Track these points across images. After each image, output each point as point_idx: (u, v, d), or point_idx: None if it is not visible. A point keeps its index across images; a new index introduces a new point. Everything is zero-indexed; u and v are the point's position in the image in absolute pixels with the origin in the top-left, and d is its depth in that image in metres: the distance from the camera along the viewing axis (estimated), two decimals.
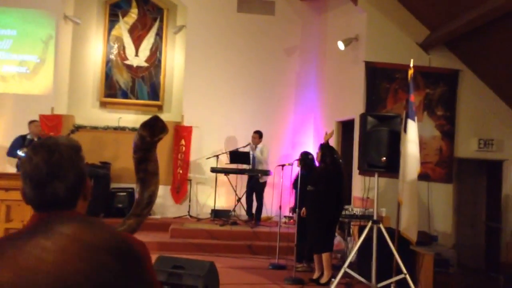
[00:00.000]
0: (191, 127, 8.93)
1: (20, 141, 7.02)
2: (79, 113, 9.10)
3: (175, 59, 9.65)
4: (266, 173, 8.02)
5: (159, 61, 9.63)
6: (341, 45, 7.52)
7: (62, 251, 1.00)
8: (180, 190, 8.91)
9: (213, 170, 8.21)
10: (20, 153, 6.77)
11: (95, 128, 8.86)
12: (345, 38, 7.56)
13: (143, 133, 2.47)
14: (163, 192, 8.53)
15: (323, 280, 5.59)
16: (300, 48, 9.48)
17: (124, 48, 9.56)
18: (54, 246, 1.03)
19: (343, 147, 8.04)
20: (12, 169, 7.32)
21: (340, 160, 5.90)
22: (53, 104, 8.67)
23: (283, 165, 6.43)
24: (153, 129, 2.53)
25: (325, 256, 5.61)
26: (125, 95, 9.52)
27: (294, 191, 6.46)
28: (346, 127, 8.08)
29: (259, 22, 9.38)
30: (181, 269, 3.96)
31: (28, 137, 7.35)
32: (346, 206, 6.03)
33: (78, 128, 8.30)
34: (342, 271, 4.82)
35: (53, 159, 1.24)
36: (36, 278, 0.96)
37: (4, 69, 8.75)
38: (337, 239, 6.42)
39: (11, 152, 7.30)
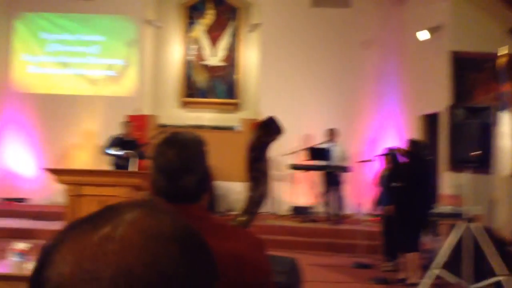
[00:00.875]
0: None
1: (113, 141, 7.42)
2: (162, 113, 9.48)
3: (250, 57, 9.77)
4: (345, 169, 7.89)
5: (235, 60, 9.80)
6: (422, 35, 7.21)
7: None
8: None
9: (292, 167, 8.21)
10: (112, 151, 7.16)
11: (177, 127, 9.17)
12: (426, 27, 7.24)
13: (259, 133, 2.53)
14: (243, 189, 8.64)
15: (411, 280, 5.40)
16: (378, 40, 9.21)
17: (201, 49, 9.83)
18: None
19: (429, 142, 7.71)
20: (106, 167, 7.69)
21: (428, 156, 5.66)
22: (139, 105, 9.08)
23: (363, 161, 6.29)
24: (269, 129, 2.58)
25: (412, 256, 5.41)
26: (203, 95, 9.79)
27: (377, 188, 6.30)
28: (429, 121, 7.74)
29: (334, 16, 9.23)
30: None
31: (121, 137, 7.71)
32: (434, 204, 5.78)
33: (164, 128, 8.58)
34: (430, 271, 4.64)
35: (185, 154, 1.31)
36: None
37: (93, 73, 9.31)
38: (425, 238, 6.18)
39: (105, 151, 7.72)
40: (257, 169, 2.60)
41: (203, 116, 9.51)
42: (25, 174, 8.65)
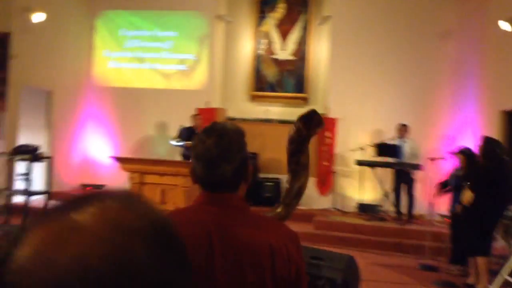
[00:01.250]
0: (336, 119, 8.81)
1: (183, 132, 7.69)
2: (231, 106, 9.64)
3: (320, 51, 9.63)
4: (416, 167, 7.53)
5: (305, 54, 9.71)
6: (505, 26, 6.69)
7: None
8: (325, 183, 8.88)
9: (359, 163, 7.99)
10: (174, 142, 7.43)
11: (245, 120, 9.27)
12: (510, 17, 6.71)
13: (299, 126, 2.50)
14: (309, 184, 8.56)
15: (479, 286, 5.06)
16: (457, 31, 8.68)
17: (272, 43, 9.85)
18: None
19: (509, 140, 7.16)
20: (178, 157, 7.97)
21: (504, 155, 5.25)
22: (208, 98, 9.29)
23: (435, 159, 5.97)
24: (310, 122, 2.54)
25: (481, 260, 5.06)
26: (272, 89, 9.81)
27: (445, 188, 5.96)
28: (510, 117, 7.18)
29: (409, 6, 8.83)
30: (320, 260, 3.92)
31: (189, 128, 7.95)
32: (509, 207, 5.36)
33: (232, 121, 8.72)
34: (500, 277, 4.31)
35: (223, 143, 1.33)
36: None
37: (166, 67, 9.66)
38: (499, 243, 5.76)
39: (170, 142, 8.04)
40: (296, 162, 2.56)
41: (271, 110, 9.53)
42: (103, 162, 9.18)
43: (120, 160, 4.86)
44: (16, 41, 7.73)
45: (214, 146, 1.33)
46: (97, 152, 9.51)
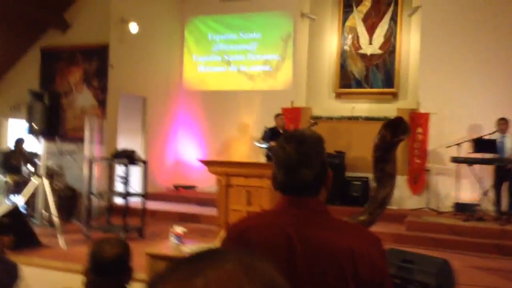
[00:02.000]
0: (428, 114, 8.38)
1: (268, 133, 7.77)
2: (316, 105, 9.55)
3: (410, 43, 9.21)
4: None
5: (394, 47, 9.34)
6: None
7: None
8: (417, 181, 8.48)
9: (455, 160, 7.53)
10: (258, 144, 7.53)
11: (330, 118, 9.14)
12: None
13: (384, 133, 2.43)
14: (400, 183, 8.23)
15: None
16: None
17: (358, 37, 9.60)
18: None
19: None
20: (263, 159, 8.08)
21: None
22: (293, 97, 9.28)
23: None
24: (395, 129, 2.47)
25: None
26: (359, 85, 9.57)
27: None
28: None
29: None
30: (412, 264, 3.76)
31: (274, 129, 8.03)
32: None
33: (317, 120, 8.63)
34: None
35: (302, 149, 1.38)
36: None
37: (251, 69, 9.82)
38: None
39: (254, 143, 8.14)
40: (382, 170, 2.47)
41: (358, 107, 9.29)
42: (194, 164, 9.56)
43: (206, 163, 5.02)
44: (114, 52, 8.30)
45: (295, 152, 1.37)
46: (188, 154, 9.92)
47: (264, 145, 7.55)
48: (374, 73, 9.49)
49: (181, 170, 9.94)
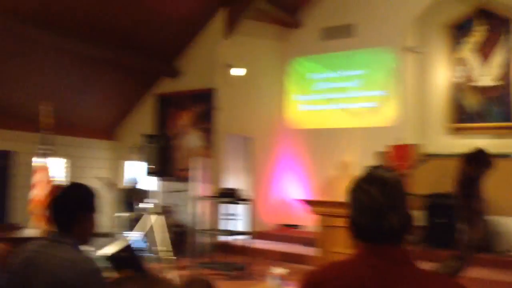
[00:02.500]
0: None
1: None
2: (427, 142, 9.04)
3: None
4: None
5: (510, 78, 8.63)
6: None
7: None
8: None
9: None
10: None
11: (443, 155, 8.57)
12: None
13: (465, 167, 2.23)
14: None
15: None
16: None
17: (470, 69, 9.03)
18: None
19: None
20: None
21: None
22: (400, 134, 8.90)
23: None
24: (477, 163, 2.25)
25: None
26: (474, 119, 8.92)
27: None
28: None
29: None
30: None
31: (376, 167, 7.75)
32: None
33: (427, 157, 8.16)
34: None
35: (387, 191, 1.29)
36: None
37: (354, 106, 9.65)
38: None
39: None
40: (468, 208, 2.20)
41: (474, 143, 8.59)
42: (303, 200, 9.48)
43: (306, 202, 4.94)
44: (220, 95, 8.70)
45: (380, 194, 1.27)
46: (292, 193, 9.89)
47: None
48: (491, 106, 8.80)
49: (286, 209, 9.93)
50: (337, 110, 9.86)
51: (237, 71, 8.88)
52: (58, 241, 1.92)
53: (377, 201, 1.27)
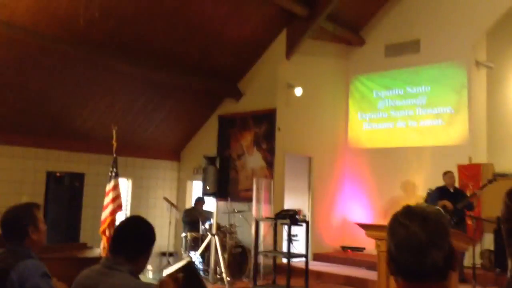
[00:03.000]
0: None
1: (437, 193, 7.16)
2: (499, 161, 8.51)
3: None
4: None
5: None
6: None
7: None
8: None
9: None
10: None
11: None
12: None
13: (507, 202, 2.07)
14: None
15: None
16: None
17: None
18: None
19: None
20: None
21: None
22: (470, 153, 8.46)
23: None
24: None
25: None
26: None
27: None
28: None
29: None
30: None
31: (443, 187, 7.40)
32: None
33: (497, 176, 7.68)
34: None
35: (429, 227, 1.24)
36: None
37: (421, 124, 9.31)
38: None
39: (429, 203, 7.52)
40: None
41: None
42: (362, 223, 9.23)
43: (363, 226, 4.80)
44: (281, 115, 8.75)
45: (421, 230, 1.22)
46: (355, 214, 9.67)
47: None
48: None
49: (348, 231, 9.70)
50: (403, 129, 9.55)
51: (298, 91, 8.90)
52: (115, 269, 1.99)
53: (418, 237, 1.22)
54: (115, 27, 6.97)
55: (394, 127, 9.67)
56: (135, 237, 2.07)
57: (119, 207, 6.48)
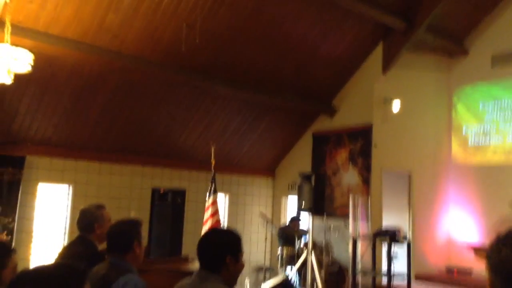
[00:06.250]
0: None
1: None
2: None
3: None
4: None
5: None
6: None
7: None
8: None
9: None
10: None
11: None
12: None
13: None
14: None
15: None
16: None
17: None
18: None
19: None
20: None
21: None
22: None
23: None
24: None
25: None
26: None
27: None
28: None
29: None
30: None
31: None
32: None
33: None
34: None
35: None
36: None
37: (508, 141, 8.56)
38: None
39: None
40: None
41: None
42: (469, 245, 8.64)
43: (474, 250, 4.51)
44: (377, 131, 8.53)
45: None
46: (462, 234, 9.06)
47: None
48: None
49: (455, 251, 9.10)
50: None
51: (396, 105, 8.62)
52: (207, 280, 2.09)
53: (509, 262, 1.17)
54: (214, 51, 7.32)
55: (503, 142, 8.96)
56: (208, 249, 2.14)
57: (217, 222, 6.73)
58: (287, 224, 8.72)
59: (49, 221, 7.43)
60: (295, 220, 8.51)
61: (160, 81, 7.40)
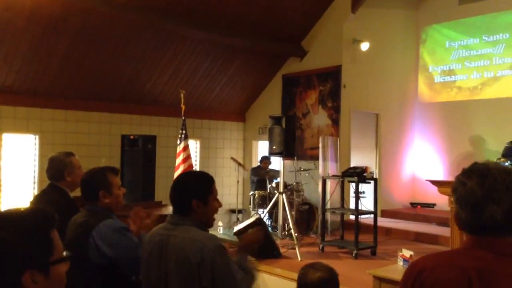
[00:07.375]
0: None
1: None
2: None
3: None
4: None
5: None
6: None
7: None
8: None
9: None
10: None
11: None
12: None
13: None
14: None
15: None
16: None
17: None
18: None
19: None
20: None
21: None
22: None
23: None
24: None
25: None
26: None
27: None
28: None
29: None
30: None
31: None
32: None
33: None
34: None
35: (487, 183, 1.27)
36: None
37: (498, 74, 8.76)
38: None
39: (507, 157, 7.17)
40: None
41: None
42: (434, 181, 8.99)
43: (437, 183, 4.69)
44: (346, 72, 8.57)
45: (477, 187, 1.27)
46: (425, 170, 9.42)
47: (508, 163, 6.60)
48: None
49: (418, 187, 9.51)
50: (477, 80, 9.05)
51: (364, 46, 8.63)
52: (180, 224, 2.11)
53: (475, 194, 1.26)
54: None
55: (468, 79, 9.17)
56: (176, 193, 2.16)
57: (190, 167, 6.76)
58: (258, 166, 8.85)
59: (17, 171, 7.31)
60: (266, 159, 8.62)
61: (124, 23, 7.12)
